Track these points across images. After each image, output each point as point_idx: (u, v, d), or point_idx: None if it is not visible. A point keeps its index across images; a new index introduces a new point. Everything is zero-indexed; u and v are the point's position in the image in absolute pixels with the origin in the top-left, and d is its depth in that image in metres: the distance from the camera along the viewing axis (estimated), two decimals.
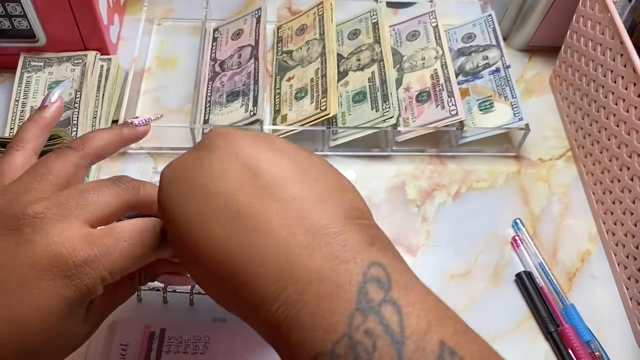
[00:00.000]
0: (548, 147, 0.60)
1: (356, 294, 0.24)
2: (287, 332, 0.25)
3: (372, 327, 0.23)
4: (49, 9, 0.55)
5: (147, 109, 0.60)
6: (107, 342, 0.44)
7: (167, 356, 0.44)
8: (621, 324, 0.50)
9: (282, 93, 0.60)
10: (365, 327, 0.23)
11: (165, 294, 0.45)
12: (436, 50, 0.60)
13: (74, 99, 0.57)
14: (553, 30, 0.63)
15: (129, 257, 0.31)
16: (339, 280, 0.24)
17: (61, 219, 0.30)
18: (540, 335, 0.48)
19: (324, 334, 0.24)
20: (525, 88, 0.64)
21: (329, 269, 0.25)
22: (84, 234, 0.30)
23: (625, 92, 0.49)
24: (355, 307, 0.24)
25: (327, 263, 0.25)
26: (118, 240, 0.30)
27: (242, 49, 0.61)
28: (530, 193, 0.57)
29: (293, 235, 0.26)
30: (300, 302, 0.25)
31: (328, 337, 0.24)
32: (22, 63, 0.58)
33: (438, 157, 0.58)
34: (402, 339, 0.23)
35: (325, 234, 0.26)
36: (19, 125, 0.55)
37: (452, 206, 0.56)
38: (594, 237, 0.54)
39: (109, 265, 0.30)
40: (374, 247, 0.26)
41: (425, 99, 0.58)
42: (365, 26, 0.63)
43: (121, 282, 0.34)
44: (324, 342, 0.24)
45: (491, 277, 0.51)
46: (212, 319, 0.46)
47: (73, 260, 0.29)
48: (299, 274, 0.25)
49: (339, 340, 0.24)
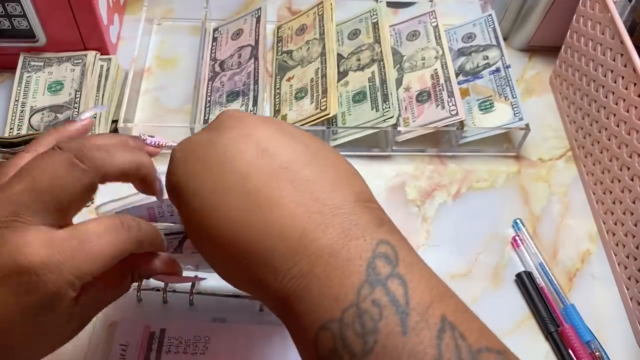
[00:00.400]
0: (548, 147, 0.60)
1: (365, 268, 0.26)
2: (297, 303, 0.26)
3: (379, 298, 0.25)
4: (48, 9, 0.55)
5: (147, 108, 0.60)
6: (107, 342, 0.44)
7: (167, 356, 0.44)
8: (621, 324, 0.49)
9: (282, 93, 0.60)
10: (372, 297, 0.25)
11: (165, 294, 0.45)
12: (436, 50, 0.60)
13: (74, 99, 0.57)
14: (553, 30, 0.63)
15: (96, 259, 0.29)
16: (350, 255, 0.26)
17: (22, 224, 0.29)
18: (540, 335, 0.48)
19: (332, 303, 0.25)
20: (526, 88, 0.64)
21: (340, 245, 0.26)
22: (46, 238, 0.29)
23: (625, 92, 0.48)
24: (364, 280, 0.25)
25: (339, 239, 0.26)
26: (82, 242, 0.29)
27: (242, 48, 0.61)
28: (531, 193, 0.57)
29: (308, 213, 0.27)
30: (310, 273, 0.26)
31: (337, 306, 0.25)
32: (22, 63, 0.58)
33: (438, 157, 0.58)
34: (406, 310, 0.25)
35: (338, 214, 0.27)
36: (18, 125, 0.55)
37: (453, 206, 0.56)
38: (594, 237, 0.54)
39: (74, 269, 0.29)
40: (382, 227, 0.28)
41: (425, 99, 0.58)
42: (365, 26, 0.63)
43: (109, 281, 0.33)
44: (332, 311, 0.25)
45: (491, 277, 0.51)
46: (212, 319, 0.46)
47: (32, 267, 0.28)
48: (312, 249, 0.26)
49: (347, 308, 0.25)
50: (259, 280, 0.28)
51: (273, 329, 0.45)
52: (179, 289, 0.46)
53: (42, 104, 0.56)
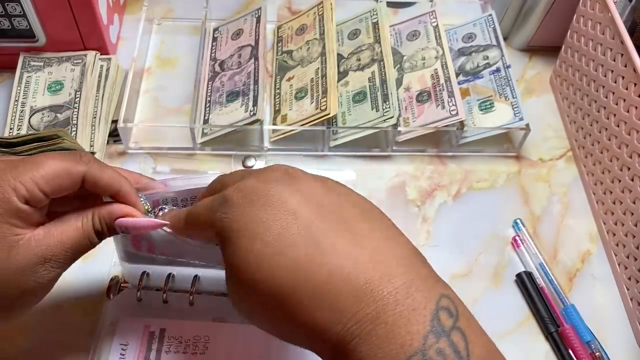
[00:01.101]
0: (548, 147, 0.60)
1: (430, 319, 0.28)
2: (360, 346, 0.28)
3: (444, 348, 0.27)
4: (48, 9, 0.55)
5: (146, 108, 0.60)
6: (107, 342, 0.44)
7: (167, 356, 0.44)
8: (621, 324, 0.49)
9: (282, 93, 0.60)
10: (437, 346, 0.27)
11: (165, 294, 0.45)
12: (436, 50, 0.60)
13: (74, 99, 0.57)
14: (553, 30, 0.63)
15: (42, 171, 0.33)
16: (415, 305, 0.28)
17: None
18: (540, 336, 0.48)
19: (398, 349, 0.27)
20: (526, 88, 0.64)
21: (404, 294, 0.28)
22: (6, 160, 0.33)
23: (625, 92, 0.48)
24: (429, 329, 0.27)
25: (403, 289, 0.28)
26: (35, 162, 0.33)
27: (242, 48, 0.61)
28: (531, 193, 0.57)
29: (372, 262, 0.29)
30: (377, 319, 0.27)
31: (402, 351, 0.27)
32: (22, 63, 0.58)
33: (438, 157, 0.58)
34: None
35: (400, 264, 0.29)
36: (18, 125, 0.55)
37: (453, 206, 0.56)
38: (594, 237, 0.54)
39: (18, 175, 0.32)
40: (439, 282, 0.30)
41: (425, 99, 0.58)
42: (366, 26, 0.63)
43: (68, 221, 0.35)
44: (397, 356, 0.27)
45: (491, 277, 0.51)
46: (212, 319, 0.46)
47: None
48: (378, 295, 0.28)
49: (413, 355, 0.27)
50: (317, 325, 0.29)
51: None
52: (179, 288, 0.46)
53: (42, 104, 0.56)
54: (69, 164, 0.34)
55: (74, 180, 0.34)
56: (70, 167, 0.34)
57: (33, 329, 0.45)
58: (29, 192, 0.33)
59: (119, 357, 0.43)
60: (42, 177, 0.33)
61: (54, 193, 0.34)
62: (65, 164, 0.34)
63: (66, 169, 0.34)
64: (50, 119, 0.56)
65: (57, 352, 0.45)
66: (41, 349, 0.45)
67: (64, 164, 0.34)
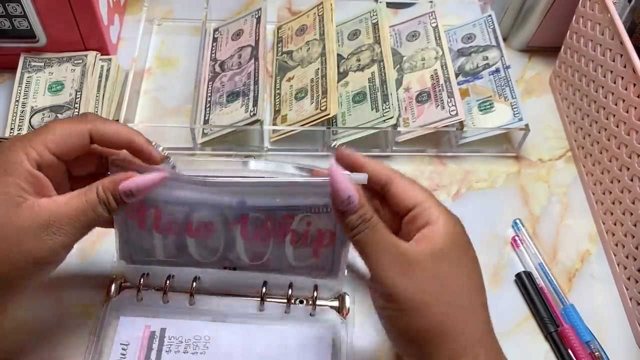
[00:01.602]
0: (548, 147, 0.60)
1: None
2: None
3: None
4: (49, 9, 0.55)
5: (147, 109, 0.60)
6: (107, 342, 0.44)
7: (167, 356, 0.44)
8: (621, 324, 0.50)
9: (282, 93, 0.60)
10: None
11: (165, 294, 0.45)
12: (436, 50, 0.60)
13: (74, 100, 0.57)
14: (553, 31, 0.63)
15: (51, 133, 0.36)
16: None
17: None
18: (540, 336, 0.48)
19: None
20: (525, 88, 0.65)
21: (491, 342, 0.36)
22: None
23: (625, 93, 0.49)
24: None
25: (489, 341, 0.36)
26: (44, 127, 0.37)
27: (242, 49, 0.61)
28: (530, 193, 0.57)
29: (481, 322, 0.36)
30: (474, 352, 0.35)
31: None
32: (23, 63, 0.58)
33: (438, 158, 0.59)
34: None
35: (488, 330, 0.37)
36: (19, 125, 0.55)
37: (452, 206, 0.55)
38: (594, 237, 0.54)
39: (28, 140, 0.35)
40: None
41: (425, 100, 0.58)
42: (365, 26, 0.63)
43: (73, 192, 0.36)
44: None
45: (491, 277, 0.51)
46: (212, 319, 0.46)
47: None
48: (480, 339, 0.36)
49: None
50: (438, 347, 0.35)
51: (273, 329, 0.45)
52: (179, 288, 0.46)
53: (42, 104, 0.56)
54: (74, 124, 0.37)
55: (82, 139, 0.37)
56: (76, 126, 0.37)
57: (33, 328, 0.46)
58: (39, 155, 0.35)
59: (119, 357, 0.44)
60: (51, 139, 0.35)
61: (64, 154, 0.36)
62: (71, 124, 0.37)
63: (73, 128, 0.36)
64: (50, 119, 0.56)
65: (57, 351, 0.45)
66: (41, 349, 0.45)
67: (70, 125, 0.37)
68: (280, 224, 0.41)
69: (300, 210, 0.40)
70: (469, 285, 0.36)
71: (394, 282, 0.35)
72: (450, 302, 0.35)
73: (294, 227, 0.41)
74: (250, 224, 0.41)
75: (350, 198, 0.35)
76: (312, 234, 0.41)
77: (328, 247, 0.42)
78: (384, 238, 0.35)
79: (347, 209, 0.35)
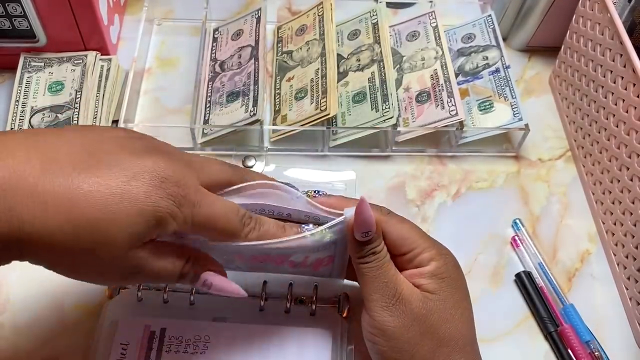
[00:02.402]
0: (548, 147, 0.60)
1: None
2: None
3: None
4: (49, 9, 0.55)
5: (147, 109, 0.60)
6: (107, 342, 0.44)
7: (167, 356, 0.44)
8: (621, 324, 0.50)
9: (282, 93, 0.60)
10: None
11: (165, 294, 0.45)
12: (436, 50, 0.60)
13: (74, 100, 0.57)
14: (553, 31, 0.63)
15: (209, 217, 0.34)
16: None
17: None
18: (539, 335, 0.48)
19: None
20: (525, 88, 0.65)
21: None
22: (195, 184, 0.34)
23: (624, 93, 0.49)
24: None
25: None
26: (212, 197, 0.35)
27: (242, 49, 0.61)
28: (530, 193, 0.57)
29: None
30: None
31: None
32: (23, 63, 0.58)
33: (438, 157, 0.59)
34: None
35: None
36: (19, 125, 0.55)
37: (452, 206, 0.56)
38: (594, 237, 0.54)
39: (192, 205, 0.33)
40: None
41: (425, 99, 0.58)
42: (365, 26, 0.63)
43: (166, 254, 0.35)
44: None
45: (491, 277, 0.51)
46: (212, 319, 0.46)
47: (166, 176, 0.32)
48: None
49: None
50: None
51: (273, 329, 0.45)
52: (179, 288, 0.46)
53: (42, 105, 0.56)
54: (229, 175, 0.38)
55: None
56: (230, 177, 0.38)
57: (33, 329, 0.46)
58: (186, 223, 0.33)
59: (119, 357, 0.44)
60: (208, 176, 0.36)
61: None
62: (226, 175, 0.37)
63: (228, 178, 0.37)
64: (50, 120, 0.56)
65: (57, 352, 0.45)
66: (41, 349, 0.45)
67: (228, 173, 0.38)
68: (277, 257, 0.40)
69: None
70: (460, 322, 0.38)
71: (383, 318, 0.37)
72: (438, 341, 0.37)
73: (292, 259, 0.41)
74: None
75: (370, 232, 0.37)
76: (311, 262, 0.41)
77: (327, 265, 0.43)
78: (386, 275, 0.37)
79: (363, 240, 0.37)
